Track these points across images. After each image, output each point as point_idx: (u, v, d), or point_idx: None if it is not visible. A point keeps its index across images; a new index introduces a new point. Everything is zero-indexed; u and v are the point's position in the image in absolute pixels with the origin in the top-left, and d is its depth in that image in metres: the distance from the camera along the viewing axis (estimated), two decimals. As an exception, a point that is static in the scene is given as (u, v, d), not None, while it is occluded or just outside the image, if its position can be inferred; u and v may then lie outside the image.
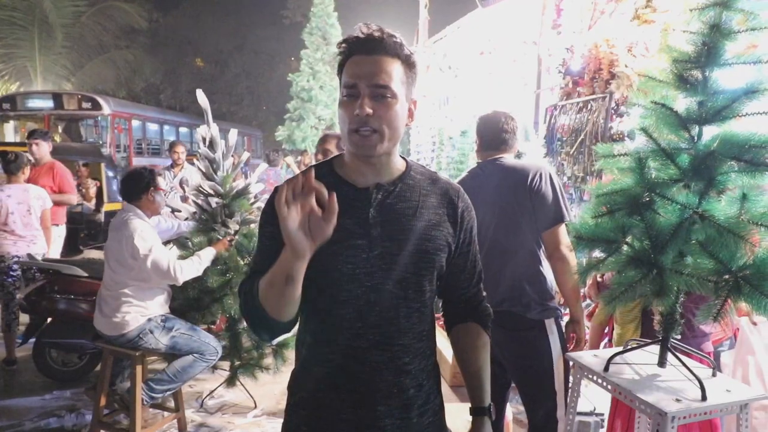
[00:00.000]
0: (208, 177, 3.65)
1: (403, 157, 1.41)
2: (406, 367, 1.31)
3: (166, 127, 15.28)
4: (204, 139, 3.65)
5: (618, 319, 2.82)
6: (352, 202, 1.30)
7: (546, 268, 2.53)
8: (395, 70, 1.26)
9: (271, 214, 1.34)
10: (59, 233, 5.44)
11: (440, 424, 1.42)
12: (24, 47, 16.91)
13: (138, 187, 3.25)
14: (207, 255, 3.39)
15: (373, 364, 1.28)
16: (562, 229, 2.41)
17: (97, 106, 11.62)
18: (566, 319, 2.68)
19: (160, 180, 3.34)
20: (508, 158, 2.63)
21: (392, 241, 1.28)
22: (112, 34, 19.86)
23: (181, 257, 3.43)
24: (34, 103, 11.99)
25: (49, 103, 11.78)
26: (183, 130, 16.33)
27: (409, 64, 1.30)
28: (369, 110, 1.22)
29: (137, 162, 12.51)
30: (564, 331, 2.59)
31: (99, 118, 12.08)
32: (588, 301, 3.02)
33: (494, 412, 1.44)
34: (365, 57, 1.25)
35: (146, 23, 20.97)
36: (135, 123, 13.11)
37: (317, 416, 1.33)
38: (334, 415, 1.31)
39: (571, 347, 2.62)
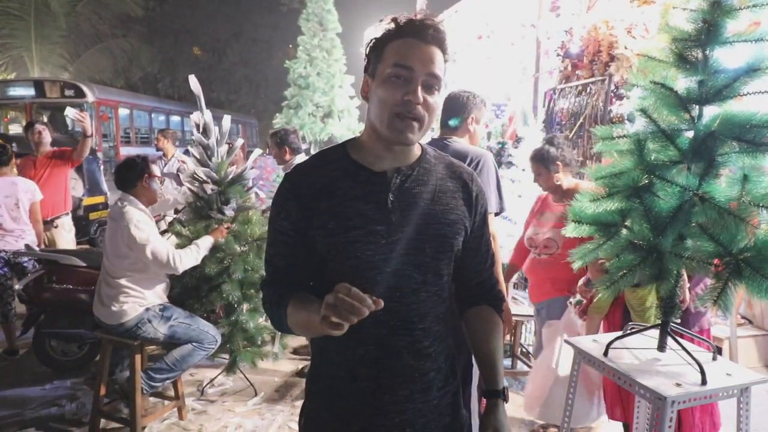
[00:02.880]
0: (202, 163, 3.64)
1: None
2: (427, 351, 1.31)
3: (155, 116, 14.85)
4: (197, 126, 3.63)
5: (635, 307, 2.79)
6: (369, 186, 1.28)
7: None
8: (442, 62, 1.27)
9: (282, 207, 1.33)
10: (67, 225, 5.30)
11: (458, 405, 1.43)
12: (20, 37, 16.75)
13: (131, 175, 3.23)
14: (205, 243, 3.38)
15: (394, 349, 1.28)
16: (489, 218, 2.47)
17: (80, 93, 11.18)
18: None
19: (154, 167, 3.32)
20: (457, 140, 2.69)
21: (411, 226, 1.27)
22: (108, 23, 19.67)
23: (179, 246, 3.42)
24: (15, 92, 11.45)
25: (30, 91, 11.28)
26: (174, 118, 16.01)
27: (446, 56, 1.29)
28: (422, 99, 1.22)
29: (125, 152, 12.08)
30: None
31: (84, 105, 11.38)
32: (578, 296, 3.00)
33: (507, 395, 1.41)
34: (419, 42, 1.24)
35: (142, 12, 20.75)
36: (122, 111, 12.67)
37: (339, 403, 1.33)
38: (356, 401, 1.31)
39: None
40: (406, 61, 1.22)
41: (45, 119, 11.08)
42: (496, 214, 2.68)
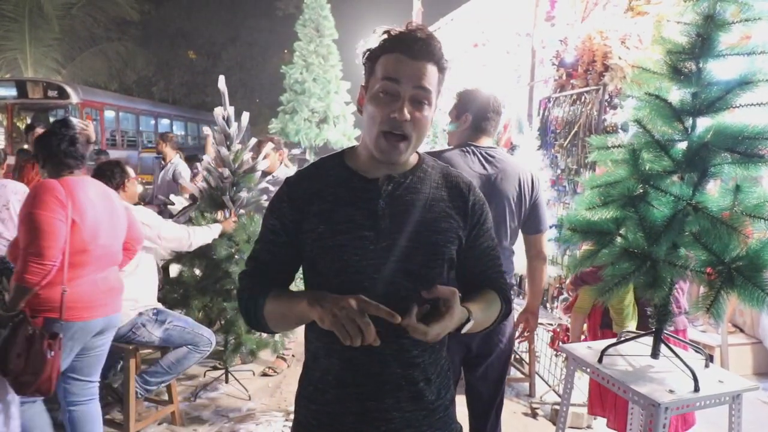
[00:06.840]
0: (223, 147, 3.93)
1: (416, 150, 1.39)
2: (415, 360, 1.30)
3: (144, 119, 14.58)
4: (222, 116, 3.93)
5: (614, 305, 2.85)
6: (361, 193, 1.29)
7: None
8: (434, 76, 1.26)
9: (276, 207, 1.36)
10: None
11: (450, 419, 1.41)
12: (14, 39, 16.67)
13: (111, 184, 3.16)
14: (216, 229, 3.67)
15: (380, 356, 1.27)
16: (546, 235, 2.60)
17: (64, 94, 10.87)
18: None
19: (129, 169, 3.37)
20: (503, 150, 2.60)
21: (400, 233, 1.27)
22: (103, 26, 19.62)
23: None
24: None
25: (12, 92, 10.94)
26: (164, 121, 15.80)
27: (441, 69, 1.28)
28: (408, 116, 1.22)
29: (111, 155, 12.02)
30: (516, 319, 2.67)
31: (69, 107, 11.10)
32: (565, 294, 3.08)
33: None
34: (409, 59, 1.22)
35: (138, 15, 20.70)
36: (108, 113, 12.41)
37: (326, 410, 1.33)
38: (343, 407, 1.30)
39: (520, 335, 2.70)
40: (394, 78, 1.22)
41: (28, 120, 10.78)
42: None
